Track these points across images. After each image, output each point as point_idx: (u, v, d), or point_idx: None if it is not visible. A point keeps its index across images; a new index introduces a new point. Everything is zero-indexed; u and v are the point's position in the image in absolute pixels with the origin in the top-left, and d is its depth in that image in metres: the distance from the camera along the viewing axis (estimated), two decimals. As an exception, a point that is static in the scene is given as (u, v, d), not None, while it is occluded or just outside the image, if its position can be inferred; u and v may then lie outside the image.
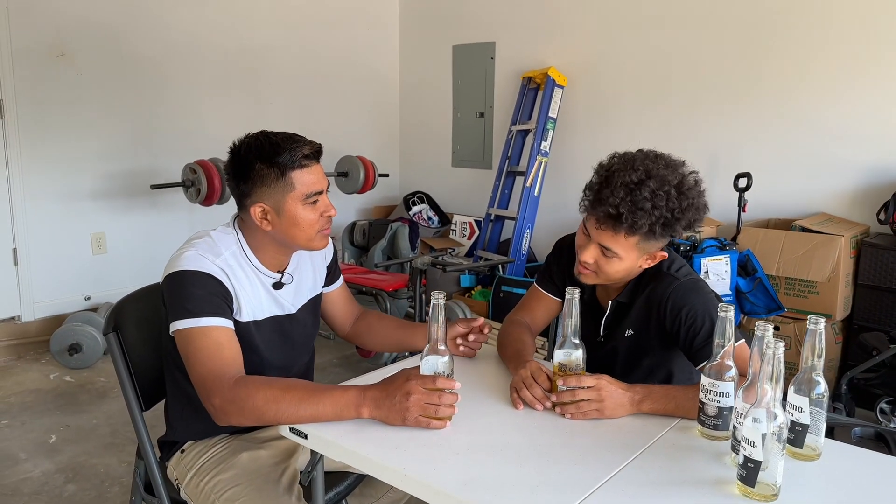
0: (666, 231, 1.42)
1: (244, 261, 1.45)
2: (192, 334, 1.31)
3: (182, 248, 1.40)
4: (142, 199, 4.06)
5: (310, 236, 1.44)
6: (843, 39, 3.40)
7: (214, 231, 1.45)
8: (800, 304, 3.22)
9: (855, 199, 3.46)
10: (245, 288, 1.43)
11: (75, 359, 3.42)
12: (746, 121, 3.75)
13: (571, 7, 4.38)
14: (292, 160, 1.37)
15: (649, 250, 1.47)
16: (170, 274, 1.36)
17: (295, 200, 1.39)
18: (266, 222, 1.41)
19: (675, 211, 1.39)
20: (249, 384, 1.26)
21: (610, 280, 1.52)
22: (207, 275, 1.35)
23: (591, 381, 1.31)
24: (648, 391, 1.33)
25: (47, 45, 3.63)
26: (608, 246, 1.43)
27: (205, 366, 1.29)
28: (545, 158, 4.35)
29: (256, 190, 1.40)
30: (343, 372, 3.50)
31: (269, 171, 1.38)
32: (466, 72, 5.02)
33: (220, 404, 1.26)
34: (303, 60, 4.76)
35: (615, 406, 1.31)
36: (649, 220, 1.38)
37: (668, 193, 1.38)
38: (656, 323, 1.51)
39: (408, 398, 1.21)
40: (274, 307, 1.50)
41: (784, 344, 1.04)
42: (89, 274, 3.93)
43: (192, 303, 1.32)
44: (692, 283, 1.49)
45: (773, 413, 1.03)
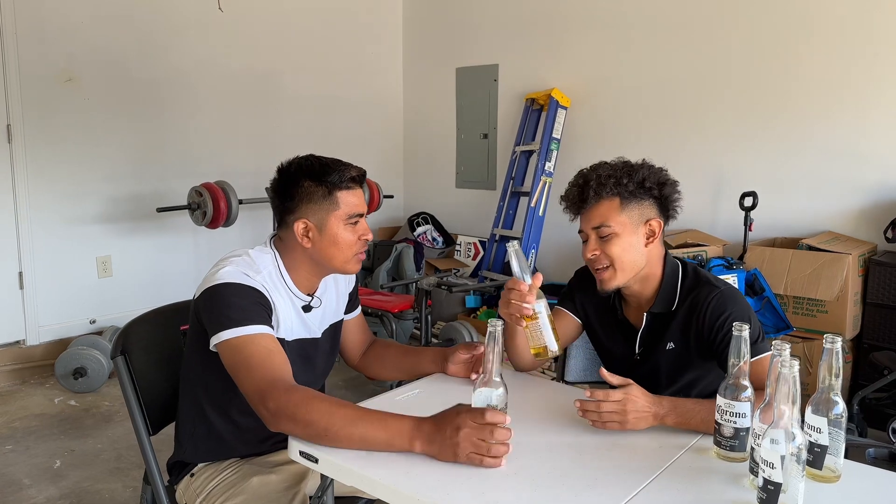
0: (638, 187, 1.51)
1: (279, 281, 1.46)
2: (239, 343, 1.30)
3: (219, 264, 1.41)
4: (148, 222, 4.07)
5: (347, 258, 1.47)
6: (847, 59, 3.42)
7: (252, 250, 1.47)
8: (808, 323, 3.19)
9: (861, 218, 3.45)
10: (281, 306, 1.44)
11: (80, 383, 3.41)
12: (751, 140, 3.76)
13: (574, 29, 4.42)
14: (340, 180, 1.43)
15: (639, 218, 1.52)
16: (209, 288, 1.36)
17: (338, 219, 1.44)
18: (307, 239, 1.44)
19: (633, 166, 1.53)
20: (304, 393, 1.24)
21: (626, 271, 1.52)
22: (248, 286, 1.36)
23: (619, 396, 1.30)
24: (674, 405, 1.33)
25: (56, 71, 3.67)
26: (598, 223, 1.50)
27: (258, 371, 1.27)
28: (549, 179, 4.36)
29: (302, 206, 1.43)
30: (349, 394, 3.48)
31: (317, 188, 1.43)
32: (470, 94, 5.05)
33: (275, 408, 1.22)
34: (308, 84, 4.79)
35: (637, 419, 1.30)
36: (612, 174, 1.50)
37: (624, 162, 1.56)
38: (696, 333, 1.51)
39: (458, 433, 1.15)
40: (302, 330, 1.50)
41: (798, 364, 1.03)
42: (95, 297, 3.93)
43: (236, 312, 1.32)
44: (732, 292, 1.52)
45: (792, 434, 1.01)
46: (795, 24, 3.55)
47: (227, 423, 1.45)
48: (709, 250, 3.42)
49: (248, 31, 4.43)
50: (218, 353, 1.33)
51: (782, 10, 3.58)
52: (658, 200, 1.54)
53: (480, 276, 4.47)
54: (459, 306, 4.47)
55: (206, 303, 1.36)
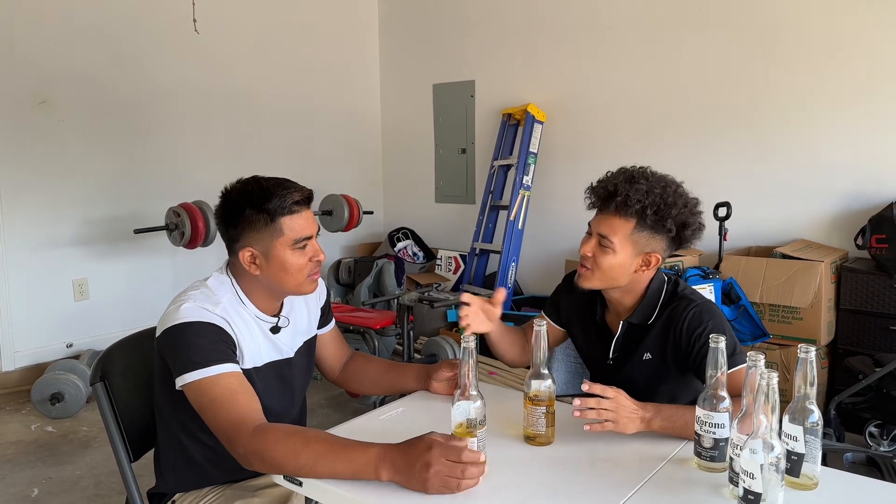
0: (657, 221, 1.50)
1: (241, 307, 1.44)
2: (203, 385, 1.29)
3: (178, 300, 1.39)
4: (125, 243, 4.03)
5: (298, 281, 1.44)
6: (815, 71, 3.50)
7: (209, 279, 1.45)
8: (785, 330, 3.25)
9: (832, 226, 3.52)
10: (244, 335, 1.42)
11: (57, 408, 3.35)
12: (723, 151, 3.83)
13: (548, 45, 4.48)
14: (282, 206, 1.38)
15: (643, 248, 1.53)
16: (170, 328, 1.34)
17: (283, 246, 1.40)
18: (255, 266, 1.41)
19: (668, 199, 1.50)
20: (269, 434, 1.23)
21: (605, 280, 1.56)
22: (209, 324, 1.34)
23: (612, 393, 1.33)
24: (658, 409, 1.37)
25: (29, 93, 3.63)
26: (605, 234, 1.52)
27: (222, 416, 1.26)
28: (528, 192, 4.39)
29: (245, 235, 1.40)
30: (332, 413, 3.46)
31: (259, 216, 1.39)
32: (447, 109, 5.09)
33: (243, 452, 1.23)
34: (286, 102, 4.79)
35: (628, 420, 1.33)
36: (643, 200, 1.48)
37: (663, 188, 1.52)
38: (673, 345, 1.54)
39: (428, 469, 1.13)
40: (273, 352, 1.49)
41: (777, 375, 1.05)
42: (71, 321, 3.87)
43: (197, 353, 1.30)
44: (708, 306, 1.55)
45: (770, 444, 1.03)
46: (765, 37, 3.64)
47: (205, 450, 1.43)
48: (685, 260, 3.47)
49: (225, 50, 4.43)
50: None
51: (752, 24, 3.67)
52: (671, 239, 1.55)
53: (462, 289, 4.48)
54: (441, 321, 4.47)
55: (167, 343, 1.34)
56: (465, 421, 1.24)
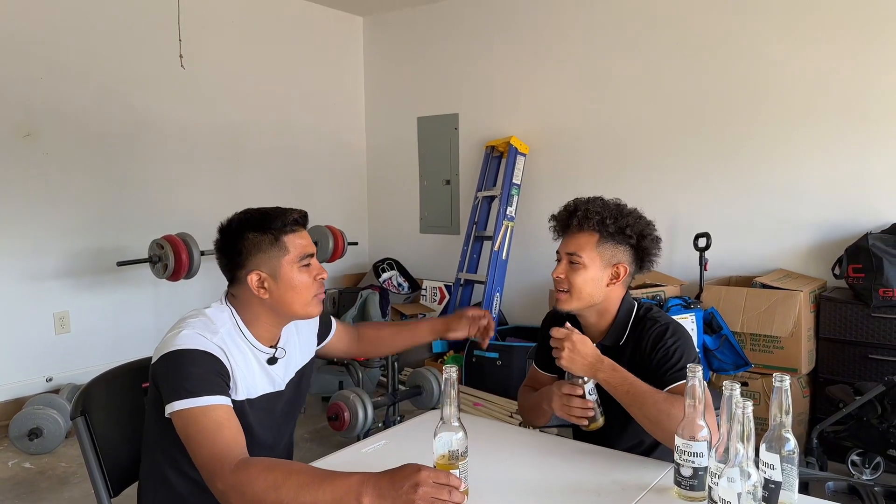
0: (618, 232, 1.61)
1: (239, 337, 1.45)
2: (191, 415, 1.29)
3: (177, 326, 1.39)
4: (107, 276, 4.01)
5: (306, 300, 1.47)
6: (794, 106, 3.60)
7: (208, 308, 1.46)
8: (766, 359, 3.28)
9: (810, 255, 3.59)
10: (241, 366, 1.43)
11: (35, 444, 3.29)
12: (704, 182, 3.90)
13: (530, 78, 4.57)
14: (284, 224, 1.44)
15: (609, 259, 1.63)
16: (166, 353, 1.35)
17: (290, 263, 1.44)
18: (263, 290, 1.44)
19: (623, 211, 1.64)
20: (251, 468, 1.22)
21: (582, 297, 1.63)
22: (205, 353, 1.35)
23: (562, 333, 1.52)
24: (613, 367, 1.51)
25: (14, 126, 3.64)
26: (572, 251, 1.62)
27: (206, 448, 1.26)
28: (511, 223, 4.44)
29: (251, 258, 1.43)
30: (315, 447, 3.43)
31: (263, 237, 1.43)
32: (431, 141, 5.15)
33: (223, 489, 1.22)
34: (270, 135, 4.83)
35: (571, 360, 1.50)
36: (600, 212, 1.61)
37: (616, 205, 1.67)
38: (640, 364, 1.59)
39: (416, 490, 1.13)
40: (267, 384, 1.49)
41: (752, 402, 1.08)
42: (51, 354, 3.83)
43: (190, 382, 1.30)
44: (674, 326, 1.63)
45: (747, 472, 1.05)
46: (745, 71, 3.74)
47: (187, 482, 1.42)
48: (667, 290, 3.51)
49: (211, 84, 4.47)
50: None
51: (731, 59, 3.77)
52: (634, 249, 1.65)
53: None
54: (426, 352, 4.47)
55: (162, 369, 1.35)
56: (447, 452, 1.25)
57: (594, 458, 1.45)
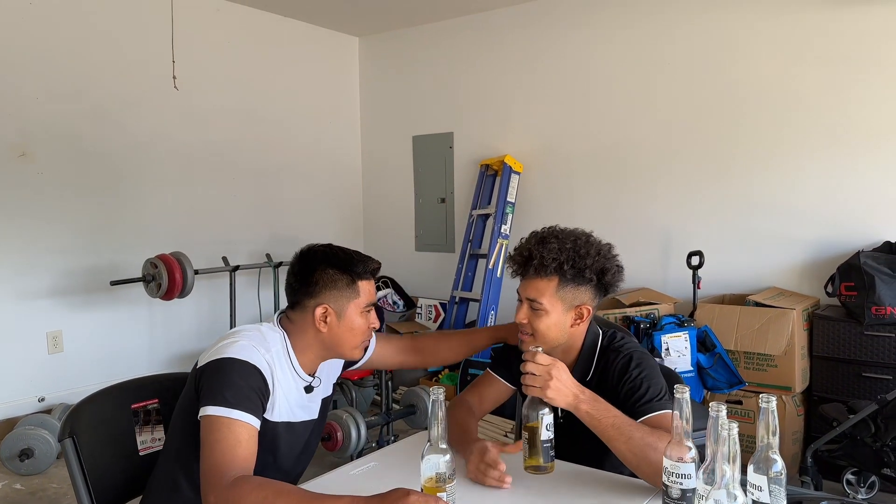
0: (577, 274, 1.55)
1: (286, 362, 1.49)
2: (217, 423, 1.31)
3: (233, 336, 1.44)
4: (101, 295, 4.00)
5: (356, 344, 1.53)
6: (785, 123, 3.63)
7: (263, 326, 1.50)
8: (760, 377, 3.28)
9: (803, 274, 3.60)
10: (282, 388, 1.46)
11: (26, 465, 3.26)
12: (696, 201, 3.93)
13: (524, 98, 4.61)
14: (364, 270, 1.52)
15: (572, 302, 1.57)
16: (218, 359, 1.38)
17: (357, 307, 1.50)
18: (324, 324, 1.49)
19: (580, 251, 1.56)
20: (243, 486, 1.24)
21: (547, 341, 1.58)
22: (254, 367, 1.39)
23: (547, 360, 1.44)
24: (595, 398, 1.44)
25: (8, 145, 3.65)
26: (532, 297, 1.56)
27: (215, 458, 1.28)
28: (506, 241, 4.45)
29: (325, 292, 1.48)
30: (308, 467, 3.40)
31: (342, 277, 1.49)
32: (427, 160, 5.17)
33: (214, 502, 1.24)
34: (266, 153, 4.85)
35: (557, 390, 1.41)
36: (558, 257, 1.54)
37: (574, 242, 1.58)
38: (609, 397, 1.53)
39: None
40: (303, 412, 1.54)
41: (746, 420, 1.08)
42: (44, 374, 3.81)
43: (231, 392, 1.34)
44: (638, 353, 1.60)
45: (734, 494, 1.05)
46: (737, 89, 3.77)
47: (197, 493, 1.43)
48: (660, 308, 3.52)
49: (205, 105, 4.49)
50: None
51: (724, 77, 3.81)
52: (595, 287, 1.60)
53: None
54: (421, 371, 4.46)
55: (210, 373, 1.38)
56: (435, 475, 1.25)
57: (583, 479, 1.45)
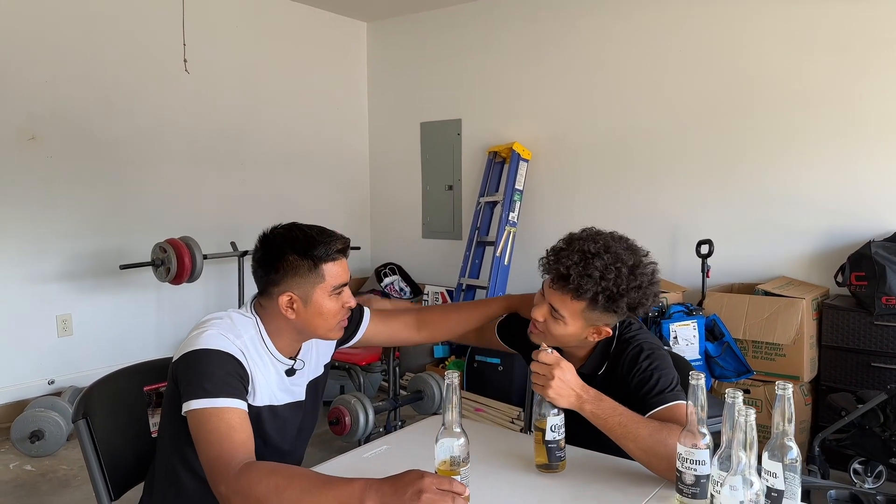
0: (609, 304, 1.47)
1: (261, 347, 1.46)
2: (205, 415, 1.29)
3: (201, 326, 1.40)
4: (110, 279, 4.02)
5: (331, 326, 1.48)
6: (796, 112, 3.60)
7: (234, 312, 1.47)
8: (768, 366, 3.27)
9: (813, 263, 3.58)
10: (261, 373, 1.44)
11: (37, 446, 3.29)
12: (705, 189, 3.90)
13: (532, 85, 4.58)
14: (326, 253, 1.42)
15: (595, 322, 1.51)
16: (189, 352, 1.36)
17: (323, 291, 1.43)
18: (291, 311, 1.44)
19: (621, 287, 1.46)
20: (254, 472, 1.22)
21: (556, 342, 1.56)
22: (227, 354, 1.36)
23: (551, 359, 1.38)
24: (599, 398, 1.39)
25: (18, 129, 3.65)
26: (556, 307, 1.50)
27: (214, 449, 1.26)
28: (513, 228, 4.44)
29: (287, 279, 1.43)
30: (316, 451, 3.42)
31: (303, 262, 1.42)
32: (434, 147, 5.16)
33: (226, 492, 1.22)
34: (274, 139, 4.84)
35: (560, 389, 1.37)
36: (595, 288, 1.45)
37: (618, 270, 1.46)
38: (620, 388, 1.53)
39: (419, 497, 1.13)
40: (286, 395, 1.51)
41: (755, 409, 1.07)
42: (54, 357, 3.83)
43: (210, 382, 1.31)
44: (648, 346, 1.56)
45: (750, 480, 1.04)
46: (748, 78, 3.74)
47: (197, 482, 1.43)
48: (669, 297, 3.51)
49: (214, 89, 4.48)
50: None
51: (735, 66, 3.78)
52: (622, 315, 1.52)
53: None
54: (428, 357, 4.47)
55: (184, 367, 1.36)
56: (449, 458, 1.25)
57: (596, 465, 1.45)
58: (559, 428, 1.40)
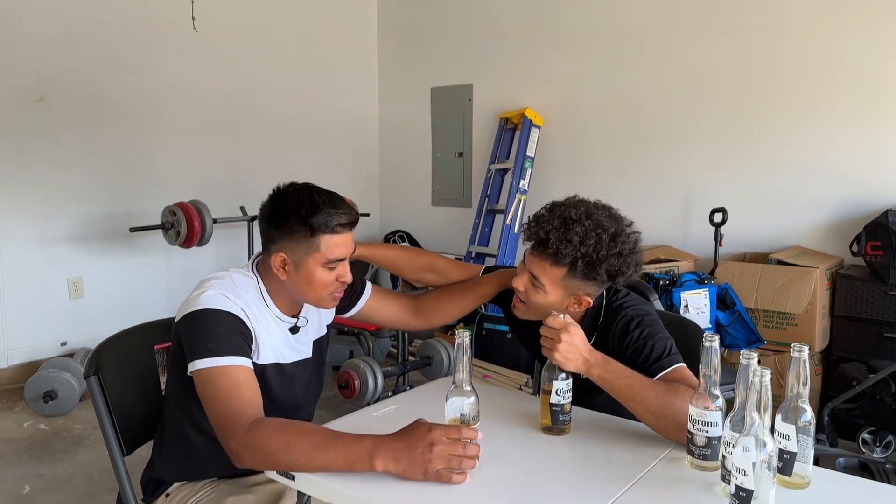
0: (589, 271, 1.45)
1: (262, 306, 1.45)
2: (211, 374, 1.29)
3: (201, 287, 1.39)
4: (120, 242, 4.03)
5: (321, 297, 1.45)
6: (811, 79, 3.53)
7: (235, 272, 1.46)
8: (779, 336, 3.25)
9: (828, 233, 3.54)
10: (263, 331, 1.43)
11: (50, 406, 3.34)
12: (721, 157, 3.85)
13: (546, 49, 4.50)
14: (325, 224, 1.38)
15: (575, 291, 1.50)
16: (190, 313, 1.35)
17: (316, 262, 1.40)
18: (283, 272, 1.43)
19: (600, 253, 1.44)
20: (264, 428, 1.23)
21: (539, 315, 1.53)
22: (229, 313, 1.35)
23: (559, 323, 1.36)
24: (606, 361, 1.38)
25: (26, 90, 3.63)
26: (536, 275, 1.49)
27: (223, 407, 1.26)
28: (524, 196, 4.40)
29: (283, 240, 1.41)
30: (325, 414, 3.45)
31: (300, 227, 1.38)
32: (445, 113, 5.10)
33: (236, 448, 1.22)
34: (283, 103, 4.80)
35: (567, 353, 1.35)
36: (574, 253, 1.43)
37: (598, 236, 1.44)
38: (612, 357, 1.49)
39: (431, 449, 1.15)
40: (293, 352, 1.51)
41: (770, 372, 1.06)
42: (66, 319, 3.86)
43: (213, 342, 1.31)
44: (633, 313, 1.55)
45: (763, 441, 1.03)
46: (764, 45, 3.66)
47: (205, 440, 1.44)
48: (681, 265, 3.48)
49: (223, 49, 4.43)
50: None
51: (751, 33, 3.69)
52: (603, 283, 1.51)
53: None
54: (436, 324, 4.46)
55: (186, 328, 1.35)
56: (459, 416, 1.25)
57: (606, 426, 1.44)
58: (564, 392, 1.39)
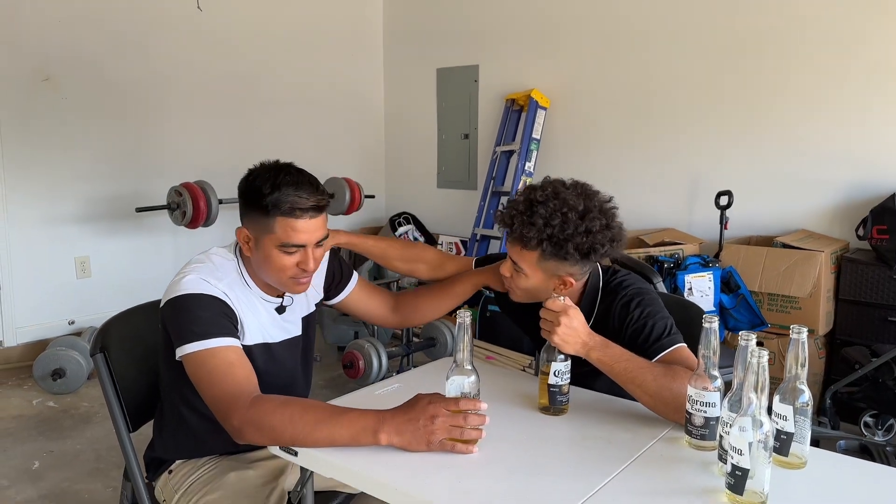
0: (557, 251, 1.44)
1: (244, 287, 1.45)
2: (201, 357, 1.30)
3: (182, 272, 1.40)
4: (126, 222, 4.05)
5: (280, 280, 1.43)
6: (819, 61, 3.49)
7: (215, 255, 1.45)
8: (783, 319, 3.25)
9: (834, 216, 3.52)
10: (248, 312, 1.43)
11: (59, 384, 3.38)
12: (726, 140, 3.82)
13: (553, 31, 4.46)
14: (280, 206, 1.34)
15: (555, 272, 1.49)
16: (172, 299, 1.35)
17: (272, 242, 1.38)
18: (247, 247, 1.43)
19: (566, 232, 1.43)
20: (267, 403, 1.24)
21: (530, 298, 1.56)
22: (210, 297, 1.35)
23: (559, 306, 1.37)
24: (605, 344, 1.39)
25: (32, 70, 3.63)
26: (515, 260, 1.51)
27: (219, 387, 1.27)
28: (530, 178, 4.39)
29: (247, 216, 1.41)
30: (330, 394, 3.48)
31: (258, 206, 1.37)
32: (450, 94, 5.07)
33: (239, 425, 1.23)
34: (288, 84, 4.79)
35: (566, 335, 1.36)
36: (539, 235, 1.43)
37: (564, 215, 1.42)
38: (613, 339, 1.49)
39: (433, 421, 1.17)
40: (280, 332, 1.51)
41: (767, 353, 1.06)
42: (73, 298, 3.90)
43: (198, 325, 1.31)
44: (633, 292, 1.54)
45: (760, 421, 1.04)
46: (770, 29, 3.62)
47: (204, 421, 1.45)
48: (685, 248, 3.48)
49: (228, 30, 4.42)
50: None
51: (758, 15, 3.65)
52: (581, 262, 1.48)
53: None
54: (441, 305, 4.48)
55: (170, 314, 1.36)
56: (460, 395, 1.26)
57: (605, 407, 1.46)
58: (563, 374, 1.40)
